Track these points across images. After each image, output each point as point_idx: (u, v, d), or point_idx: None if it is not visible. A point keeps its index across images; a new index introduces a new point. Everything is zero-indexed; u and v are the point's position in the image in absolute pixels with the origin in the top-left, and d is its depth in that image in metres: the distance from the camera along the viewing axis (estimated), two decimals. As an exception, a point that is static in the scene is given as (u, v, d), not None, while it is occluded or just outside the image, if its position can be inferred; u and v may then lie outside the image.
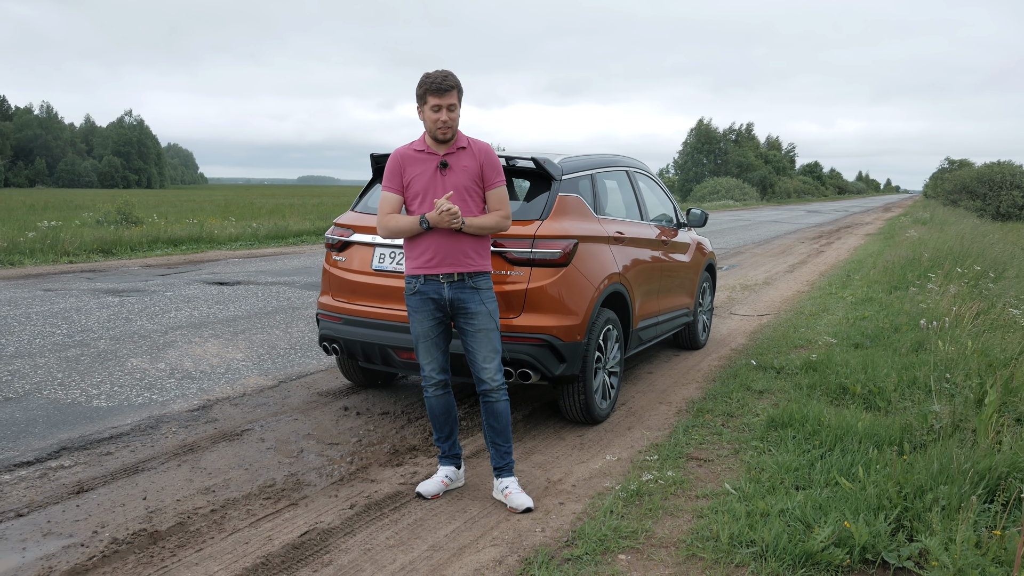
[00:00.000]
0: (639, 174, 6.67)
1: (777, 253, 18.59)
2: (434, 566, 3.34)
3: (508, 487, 4.00)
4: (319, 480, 4.25)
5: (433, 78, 3.80)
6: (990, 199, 37.81)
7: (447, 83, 3.79)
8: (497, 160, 4.01)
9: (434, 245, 3.90)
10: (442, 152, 3.92)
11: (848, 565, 3.31)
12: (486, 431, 4.07)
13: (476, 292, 3.95)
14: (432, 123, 3.84)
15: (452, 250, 3.89)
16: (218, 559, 3.35)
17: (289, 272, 12.58)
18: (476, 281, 3.95)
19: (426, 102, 3.83)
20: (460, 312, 3.96)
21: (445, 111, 3.81)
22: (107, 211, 22.01)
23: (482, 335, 3.97)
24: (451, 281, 3.92)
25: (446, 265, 3.90)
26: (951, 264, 11.05)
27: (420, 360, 4.07)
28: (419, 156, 3.94)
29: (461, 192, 3.90)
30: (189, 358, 6.67)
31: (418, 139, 4.01)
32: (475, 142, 4.00)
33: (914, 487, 3.77)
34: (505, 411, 4.03)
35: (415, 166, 3.93)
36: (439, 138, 3.88)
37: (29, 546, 3.43)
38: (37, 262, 13.20)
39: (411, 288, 3.99)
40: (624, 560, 3.39)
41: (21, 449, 4.53)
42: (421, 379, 4.29)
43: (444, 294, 3.93)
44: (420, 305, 3.97)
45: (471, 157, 3.94)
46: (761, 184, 79.24)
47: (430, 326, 3.99)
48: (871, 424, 4.75)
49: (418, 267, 3.94)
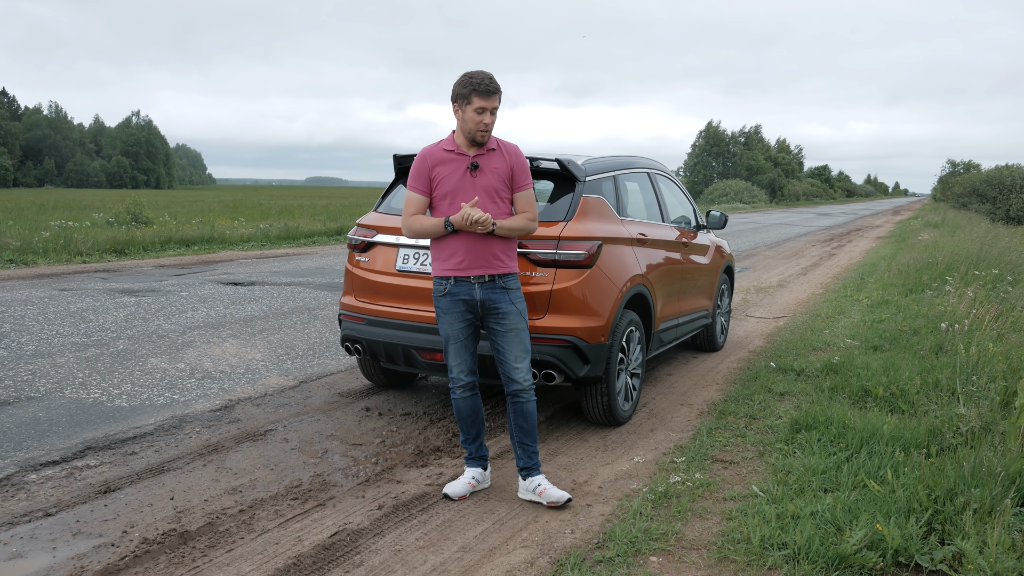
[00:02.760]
0: (659, 176, 6.66)
1: (789, 256, 18.54)
2: (465, 567, 3.33)
3: (541, 484, 4.00)
4: (345, 481, 4.25)
5: (480, 79, 3.76)
6: (1000, 202, 37.62)
7: (494, 86, 3.79)
8: (527, 162, 4.01)
9: (463, 247, 3.88)
10: (472, 153, 3.90)
11: (881, 568, 3.30)
12: (514, 431, 4.06)
13: (506, 292, 3.94)
14: (475, 124, 3.81)
15: (482, 252, 3.88)
16: (249, 559, 3.34)
17: (303, 273, 12.60)
18: (506, 281, 3.95)
19: (471, 102, 3.78)
20: (491, 312, 3.95)
21: (489, 114, 3.79)
22: (117, 211, 22.08)
23: (512, 335, 3.96)
24: (482, 282, 3.91)
25: (476, 267, 3.89)
26: (967, 267, 11.00)
27: (449, 361, 4.06)
28: (448, 156, 3.92)
29: (491, 194, 3.89)
30: (208, 358, 6.68)
31: (446, 139, 3.98)
32: (504, 143, 3.99)
33: (944, 490, 3.75)
34: (534, 411, 4.02)
35: (444, 166, 3.90)
36: (478, 140, 3.85)
37: (59, 546, 3.43)
38: (51, 262, 13.24)
39: (441, 289, 3.97)
40: (656, 562, 3.38)
41: (46, 448, 4.53)
42: (448, 380, 4.28)
43: (475, 295, 3.92)
44: (451, 307, 3.95)
45: (501, 159, 3.93)
46: (770, 187, 79.10)
47: (460, 328, 3.97)
48: (897, 427, 4.73)
49: (448, 269, 3.92)
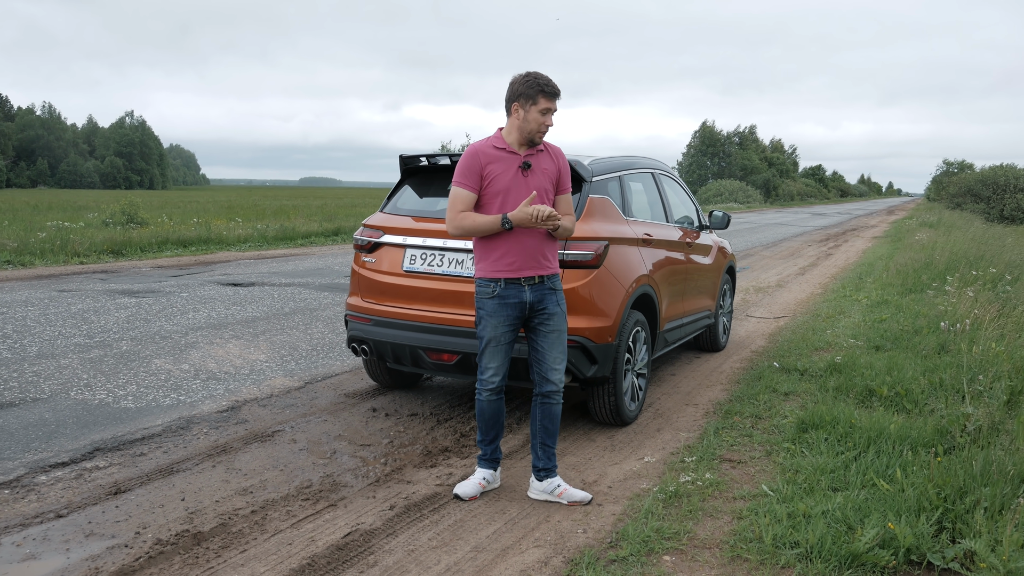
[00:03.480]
0: (663, 176, 6.67)
1: (786, 256, 18.59)
2: (479, 567, 3.34)
3: (561, 485, 4.03)
4: (355, 481, 4.25)
5: (546, 80, 3.80)
6: (994, 202, 37.76)
7: (558, 88, 3.82)
8: (568, 165, 4.04)
9: (516, 248, 3.85)
10: (523, 153, 3.90)
11: (894, 567, 3.31)
12: (538, 432, 4.06)
13: (554, 293, 3.96)
14: (538, 125, 3.81)
15: (533, 253, 3.87)
16: (263, 560, 3.34)
17: (302, 273, 12.59)
18: (554, 282, 3.96)
19: (536, 103, 3.79)
20: (538, 313, 3.94)
21: (551, 116, 3.82)
22: (112, 212, 22.01)
23: (555, 336, 3.97)
24: (532, 284, 3.90)
25: (528, 268, 3.87)
26: (966, 267, 11.05)
27: (484, 363, 3.99)
28: (500, 154, 3.88)
29: (541, 194, 3.88)
30: (212, 359, 6.67)
31: (494, 136, 3.95)
32: (550, 145, 4.00)
33: (954, 489, 3.76)
34: (559, 414, 4.07)
35: (496, 164, 3.86)
36: (536, 141, 3.87)
37: (73, 547, 3.42)
38: (48, 263, 13.20)
39: (489, 291, 3.91)
40: (669, 561, 3.39)
41: (55, 450, 4.53)
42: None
43: (525, 297, 3.90)
44: (498, 309, 3.90)
45: (550, 160, 3.95)
46: (765, 187, 79.25)
47: (504, 331, 3.92)
48: (903, 426, 4.75)
49: (499, 270, 3.87)
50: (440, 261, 4.99)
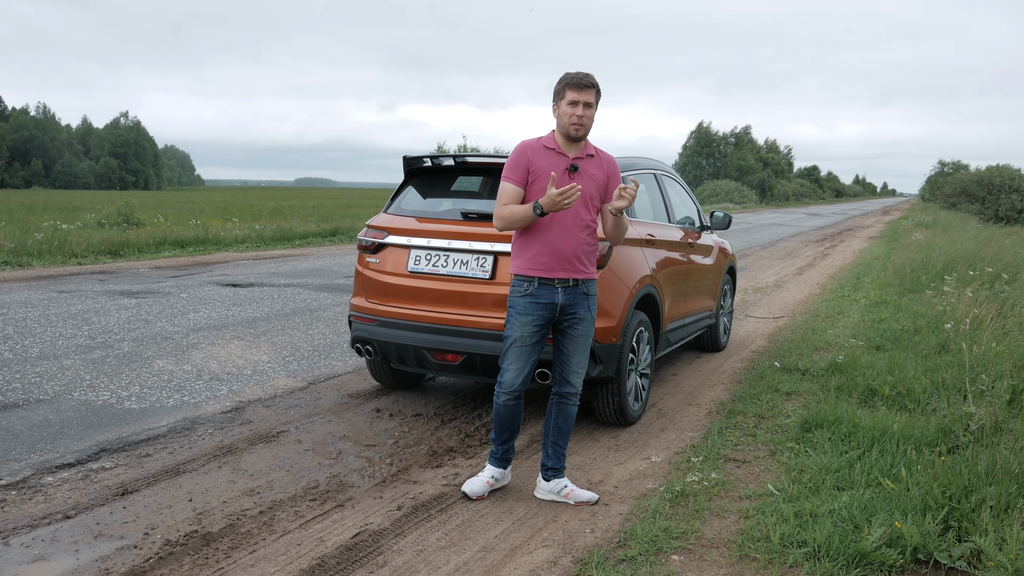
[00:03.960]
0: (665, 177, 6.69)
1: (783, 256, 18.63)
2: (488, 567, 3.35)
3: (568, 486, 4.05)
4: (361, 482, 4.26)
5: (574, 74, 3.80)
6: (989, 202, 37.89)
7: (588, 80, 3.80)
8: (620, 174, 4.03)
9: (550, 248, 3.83)
10: (572, 155, 3.88)
11: (901, 565, 3.33)
12: (550, 432, 4.08)
13: (587, 298, 3.95)
14: (567, 117, 3.79)
15: (568, 255, 3.85)
16: (273, 560, 3.35)
17: (300, 274, 12.58)
18: (588, 287, 3.95)
19: (564, 96, 3.80)
20: (568, 316, 3.93)
21: (582, 106, 3.78)
22: (108, 213, 21.96)
23: (582, 340, 3.98)
24: (566, 286, 3.89)
25: (561, 269, 3.85)
26: (963, 267, 11.09)
27: (507, 364, 3.96)
28: (548, 153, 3.87)
29: (584, 199, 3.86)
30: (214, 360, 6.67)
31: (546, 136, 3.94)
32: (602, 153, 4.00)
33: (959, 488, 3.79)
34: (574, 415, 4.09)
35: (543, 161, 3.85)
36: (571, 135, 3.82)
37: (82, 548, 3.42)
38: (46, 263, 13.18)
39: (522, 290, 3.89)
40: (677, 561, 3.40)
41: (60, 451, 4.52)
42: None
43: (558, 299, 3.88)
44: (529, 308, 3.88)
45: (599, 167, 3.93)
46: (760, 187, 79.39)
47: (532, 331, 3.90)
48: (907, 425, 4.77)
49: (532, 268, 3.86)
50: (445, 262, 5.00)
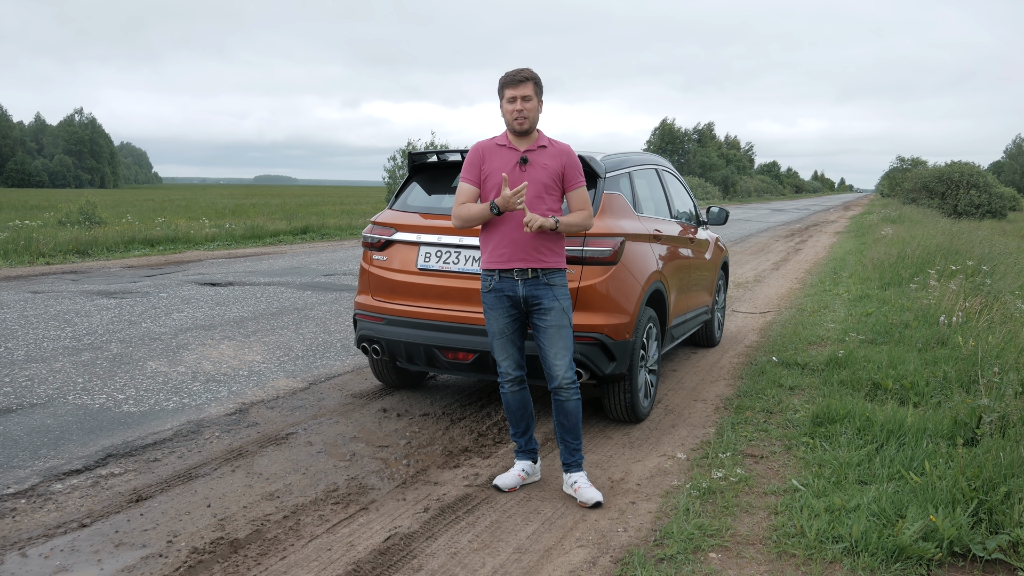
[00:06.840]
0: (665, 172, 6.68)
1: (756, 251, 18.79)
2: (526, 569, 3.29)
3: (577, 482, 4.00)
4: (381, 483, 4.17)
5: (509, 72, 3.90)
6: (948, 197, 38.64)
7: (521, 75, 3.87)
8: (578, 161, 4.05)
9: (507, 240, 3.90)
10: (523, 148, 3.94)
11: (939, 559, 3.33)
12: (556, 428, 4.04)
13: (550, 288, 3.92)
14: (508, 114, 3.90)
15: (524, 246, 3.89)
16: (305, 567, 3.26)
17: (279, 272, 12.38)
18: (550, 277, 3.93)
19: (503, 96, 3.90)
20: (534, 308, 3.95)
21: (520, 101, 3.85)
22: (68, 211, 21.41)
23: (554, 331, 3.93)
24: (524, 278, 3.90)
25: (518, 260, 3.89)
26: (941, 261, 11.25)
27: (496, 357, 4.06)
28: (500, 150, 3.97)
29: (539, 188, 3.90)
30: (207, 361, 6.52)
31: (500, 135, 4.05)
32: (556, 143, 4.03)
33: (984, 480, 3.81)
34: (575, 409, 4.00)
35: (496, 159, 3.94)
36: (516, 129, 3.90)
37: (104, 558, 3.30)
38: (12, 263, 12.83)
39: (487, 285, 3.99)
40: (716, 559, 3.37)
41: (66, 457, 4.37)
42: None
43: (519, 291, 3.92)
44: (495, 303, 3.97)
45: (552, 156, 3.97)
46: (723, 183, 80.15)
47: (505, 323, 3.99)
48: (921, 419, 4.80)
49: (492, 261, 3.95)
50: (456, 259, 4.92)
